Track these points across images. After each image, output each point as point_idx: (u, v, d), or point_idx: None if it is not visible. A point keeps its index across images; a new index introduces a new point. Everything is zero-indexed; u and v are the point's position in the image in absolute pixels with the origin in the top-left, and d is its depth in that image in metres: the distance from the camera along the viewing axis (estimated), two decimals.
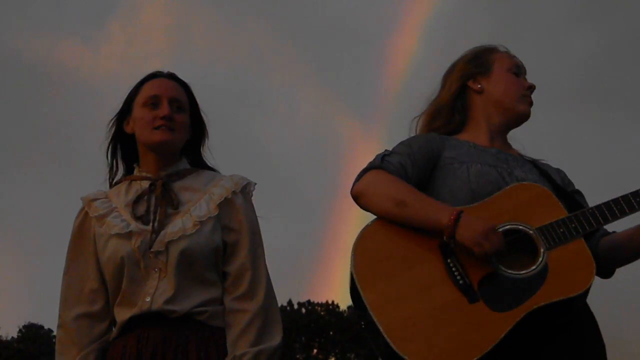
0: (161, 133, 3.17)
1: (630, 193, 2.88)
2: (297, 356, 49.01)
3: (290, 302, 51.68)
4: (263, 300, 3.07)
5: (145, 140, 3.21)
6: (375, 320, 2.86)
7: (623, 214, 2.88)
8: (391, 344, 2.81)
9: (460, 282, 2.87)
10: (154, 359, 3.03)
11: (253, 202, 3.24)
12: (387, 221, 2.99)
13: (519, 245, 2.91)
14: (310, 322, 49.16)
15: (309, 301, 52.00)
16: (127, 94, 3.30)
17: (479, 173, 3.04)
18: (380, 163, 3.10)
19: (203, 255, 3.08)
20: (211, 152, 3.36)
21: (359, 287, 2.92)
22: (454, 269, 2.89)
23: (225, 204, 3.16)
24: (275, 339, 3.05)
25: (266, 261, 3.16)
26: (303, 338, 49.39)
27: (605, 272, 3.08)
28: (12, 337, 55.51)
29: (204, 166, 3.34)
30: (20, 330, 59.70)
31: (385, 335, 2.83)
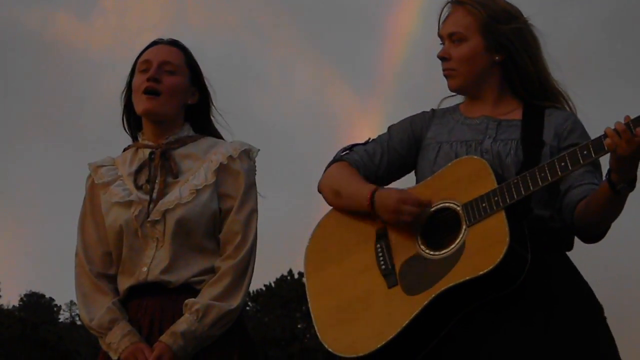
0: (145, 101, 3.13)
1: (556, 158, 2.71)
2: (299, 325, 49.22)
3: (290, 272, 51.81)
4: (239, 260, 3.07)
5: (135, 108, 3.19)
6: (310, 307, 3.00)
7: (545, 181, 2.70)
8: (317, 331, 2.94)
9: (383, 266, 2.90)
10: (152, 328, 3.05)
11: (260, 170, 3.22)
12: (341, 210, 3.04)
13: (449, 224, 2.83)
14: None
15: None
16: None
17: (446, 154, 2.97)
18: (341, 155, 3.12)
19: (200, 223, 3.07)
20: (224, 118, 3.32)
21: (305, 276, 3.09)
22: (380, 253, 2.92)
23: (223, 170, 3.13)
24: (234, 300, 3.04)
25: (257, 227, 3.15)
26: (304, 307, 49.51)
27: (589, 237, 2.87)
28: (14, 306, 55.78)
29: (210, 132, 3.28)
30: (21, 299, 60.03)
31: (315, 322, 2.96)
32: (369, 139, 3.16)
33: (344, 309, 2.96)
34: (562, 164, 2.69)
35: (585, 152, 2.67)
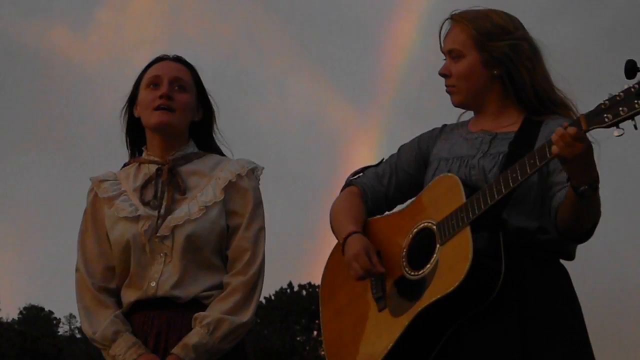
0: (159, 115, 3.15)
1: (509, 169, 2.72)
2: (298, 338, 49.15)
3: (290, 284, 51.79)
4: (249, 277, 3.09)
5: (146, 122, 3.20)
6: (322, 334, 3.11)
7: (500, 193, 2.71)
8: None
9: (374, 290, 2.96)
10: (158, 341, 3.07)
11: (260, 186, 3.24)
12: None
13: (427, 243, 2.86)
14: (311, 304, 49.22)
15: (309, 283, 52.08)
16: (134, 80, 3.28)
17: (441, 171, 2.99)
18: (351, 179, 3.18)
19: (209, 240, 3.10)
20: (223, 136, 3.34)
21: (320, 304, 3.18)
22: (372, 278, 2.97)
23: (231, 188, 3.16)
24: (245, 315, 3.07)
25: (265, 244, 3.17)
26: (303, 320, 49.49)
27: (574, 238, 2.83)
28: (13, 319, 55.69)
29: (213, 150, 3.31)
30: (20, 312, 59.92)
31: (324, 350, 3.08)
32: (383, 159, 3.20)
33: (344, 335, 3.04)
34: (514, 175, 2.71)
35: (532, 161, 2.68)
